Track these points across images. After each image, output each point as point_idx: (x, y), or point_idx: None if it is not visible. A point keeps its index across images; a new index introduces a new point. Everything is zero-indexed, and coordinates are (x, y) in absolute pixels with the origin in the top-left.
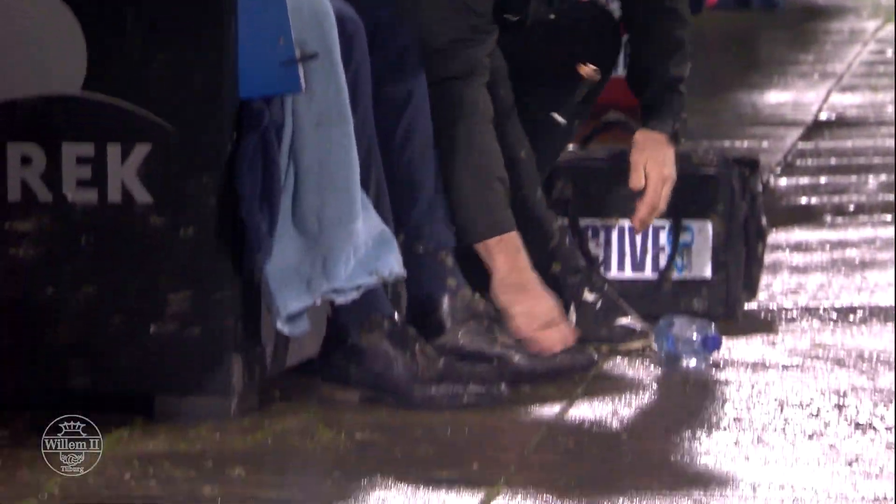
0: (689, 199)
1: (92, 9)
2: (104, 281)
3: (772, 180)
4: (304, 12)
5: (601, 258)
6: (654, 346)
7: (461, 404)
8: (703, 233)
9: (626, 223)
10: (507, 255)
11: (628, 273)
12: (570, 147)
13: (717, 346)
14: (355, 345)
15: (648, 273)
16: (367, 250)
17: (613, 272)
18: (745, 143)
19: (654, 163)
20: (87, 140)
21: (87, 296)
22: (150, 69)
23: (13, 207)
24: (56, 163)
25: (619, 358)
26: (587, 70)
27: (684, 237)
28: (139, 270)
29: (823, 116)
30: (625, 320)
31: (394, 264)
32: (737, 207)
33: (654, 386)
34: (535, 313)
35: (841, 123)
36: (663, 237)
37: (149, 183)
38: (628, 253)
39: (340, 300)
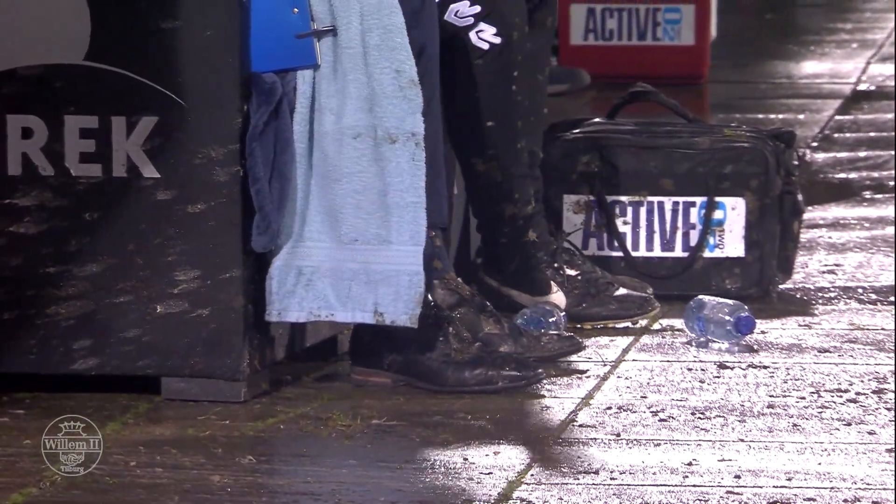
0: (721, 175)
1: None
2: (109, 259)
3: (808, 154)
4: None
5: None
6: (685, 327)
7: (495, 388)
8: (737, 210)
9: (655, 199)
10: None
11: (657, 252)
12: (596, 119)
13: (751, 328)
14: (387, 326)
15: (679, 252)
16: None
17: (642, 251)
18: (781, 116)
19: None
20: (90, 112)
21: (92, 274)
22: (156, 38)
23: (14, 182)
24: (58, 136)
25: (647, 340)
26: None
27: (716, 214)
28: (145, 248)
29: (862, 87)
30: (616, 293)
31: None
32: (771, 183)
33: (685, 370)
34: None
35: (880, 95)
36: (694, 214)
37: (155, 157)
38: (657, 231)
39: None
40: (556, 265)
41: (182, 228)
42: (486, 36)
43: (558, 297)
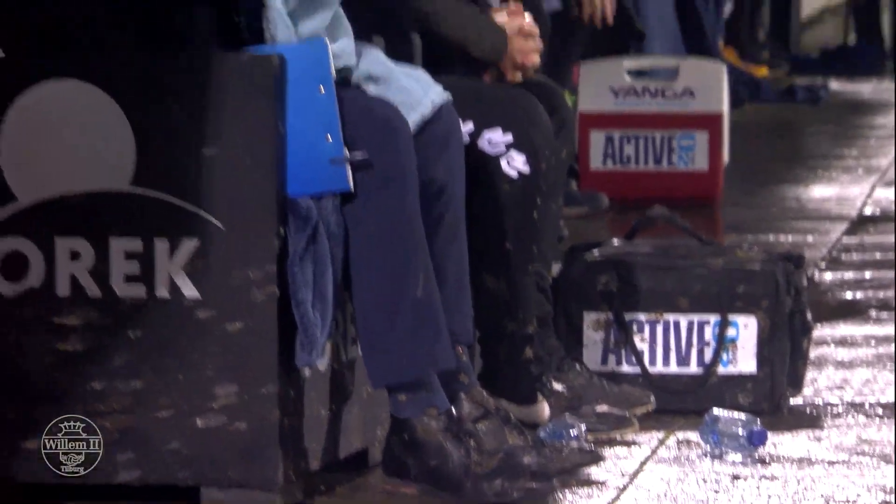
0: (734, 294)
1: (140, 104)
2: (152, 374)
3: (817, 275)
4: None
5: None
6: (700, 440)
7: (512, 500)
8: (749, 328)
9: (671, 317)
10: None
11: (674, 367)
12: (615, 241)
13: (763, 441)
14: (413, 438)
15: (694, 368)
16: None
17: (659, 366)
18: (790, 238)
19: None
20: (135, 235)
21: (135, 389)
22: (197, 165)
23: (62, 302)
24: (104, 258)
25: (664, 453)
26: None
27: (729, 332)
28: (186, 364)
29: (868, 211)
30: (598, 408)
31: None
32: (782, 302)
33: (700, 481)
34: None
35: (885, 218)
36: (708, 332)
37: (196, 278)
38: (673, 348)
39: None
40: (544, 379)
41: (221, 346)
42: (516, 164)
43: (542, 407)
